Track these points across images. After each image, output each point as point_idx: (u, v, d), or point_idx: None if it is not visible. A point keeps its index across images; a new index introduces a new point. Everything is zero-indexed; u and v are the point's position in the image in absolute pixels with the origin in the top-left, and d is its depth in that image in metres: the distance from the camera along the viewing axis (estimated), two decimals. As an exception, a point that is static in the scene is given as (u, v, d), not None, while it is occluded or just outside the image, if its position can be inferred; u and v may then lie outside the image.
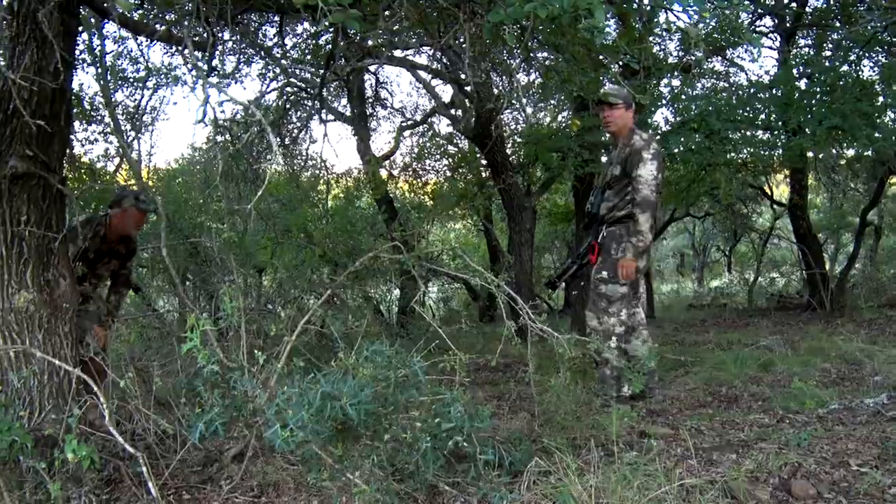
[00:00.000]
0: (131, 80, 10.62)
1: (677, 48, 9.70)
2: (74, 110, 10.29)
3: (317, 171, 13.27)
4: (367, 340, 3.70)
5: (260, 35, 7.29)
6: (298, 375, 2.49)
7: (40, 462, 2.64)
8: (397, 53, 8.23)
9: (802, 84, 7.71)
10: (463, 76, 6.57)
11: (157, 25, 4.01)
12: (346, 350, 3.13)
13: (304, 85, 9.68)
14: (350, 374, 2.32)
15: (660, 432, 3.74)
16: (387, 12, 3.27)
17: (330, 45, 5.06)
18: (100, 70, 9.96)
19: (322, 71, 5.40)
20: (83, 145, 10.07)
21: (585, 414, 3.89)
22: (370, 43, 4.64)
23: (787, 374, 5.17)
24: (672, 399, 4.65)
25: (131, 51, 10.38)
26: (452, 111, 10.58)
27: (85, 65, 10.03)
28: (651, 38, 10.17)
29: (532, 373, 3.62)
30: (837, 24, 8.75)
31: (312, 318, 3.57)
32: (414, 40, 5.47)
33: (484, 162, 9.73)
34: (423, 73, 9.25)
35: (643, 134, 4.55)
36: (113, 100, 10.00)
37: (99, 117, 10.57)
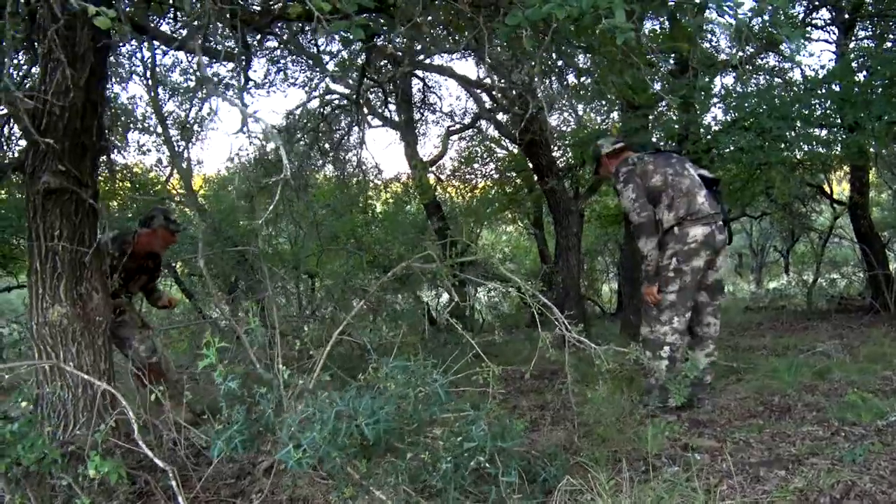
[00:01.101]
0: (181, 90, 10.80)
1: (729, 45, 9.47)
2: (126, 121, 10.54)
3: (366, 178, 13.33)
4: (402, 352, 3.65)
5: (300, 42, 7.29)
6: (322, 391, 2.43)
7: (69, 476, 2.64)
8: (439, 59, 8.18)
9: (861, 78, 7.40)
10: (488, 80, 6.48)
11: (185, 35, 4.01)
12: (378, 362, 3.07)
13: (346, 91, 9.71)
14: (369, 391, 2.25)
15: (705, 445, 3.60)
16: (418, 18, 3.20)
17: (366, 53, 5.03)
18: (150, 82, 10.16)
19: (358, 77, 5.36)
20: (123, 155, 10.33)
21: (628, 425, 3.77)
22: (397, 47, 4.59)
23: (844, 382, 4.95)
24: (721, 409, 4.48)
25: (181, 62, 10.55)
26: (500, 115, 10.49)
27: (136, 76, 10.27)
28: (706, 35, 9.95)
29: (570, 384, 3.51)
30: (897, 16, 8.41)
31: (346, 329, 3.53)
32: (449, 44, 5.39)
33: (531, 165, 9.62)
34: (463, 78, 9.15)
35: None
36: (163, 110, 10.19)
37: (151, 128, 10.80)
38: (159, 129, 10.73)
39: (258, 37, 5.29)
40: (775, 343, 7.32)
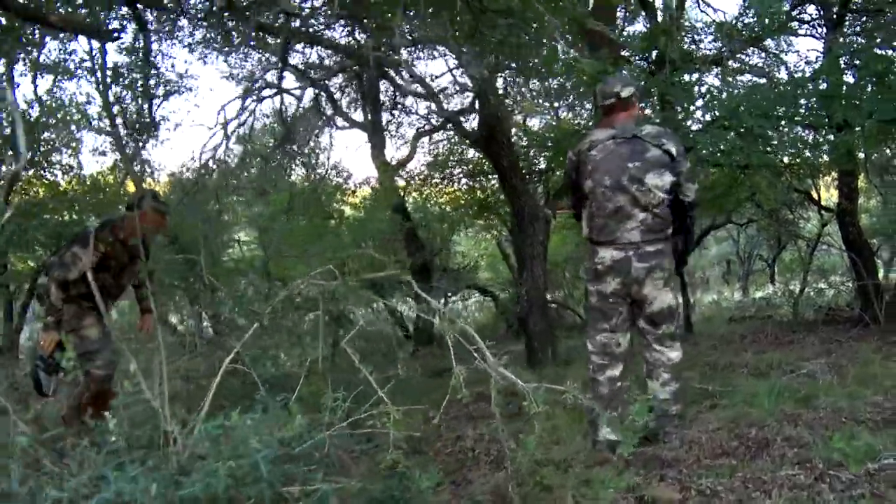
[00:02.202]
0: (139, 88, 10.18)
1: (712, 41, 8.99)
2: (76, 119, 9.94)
3: (323, 179, 12.76)
4: (309, 382, 3.09)
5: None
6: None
7: None
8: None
9: (850, 79, 6.88)
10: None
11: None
12: (269, 398, 2.52)
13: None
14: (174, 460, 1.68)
15: (664, 497, 3.02)
16: None
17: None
18: (100, 77, 9.55)
19: (280, 61, 4.80)
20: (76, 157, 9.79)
21: (579, 465, 3.21)
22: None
23: (830, 410, 4.36)
24: (690, 443, 3.89)
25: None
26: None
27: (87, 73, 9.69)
28: (688, 31, 9.46)
29: (500, 427, 2.93)
30: (888, 11, 7.91)
31: (239, 357, 2.95)
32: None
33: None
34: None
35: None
36: (113, 109, 9.57)
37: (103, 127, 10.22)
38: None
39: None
40: (757, 360, 6.74)
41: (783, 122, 6.38)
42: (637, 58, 8.38)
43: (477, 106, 7.45)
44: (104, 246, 4.24)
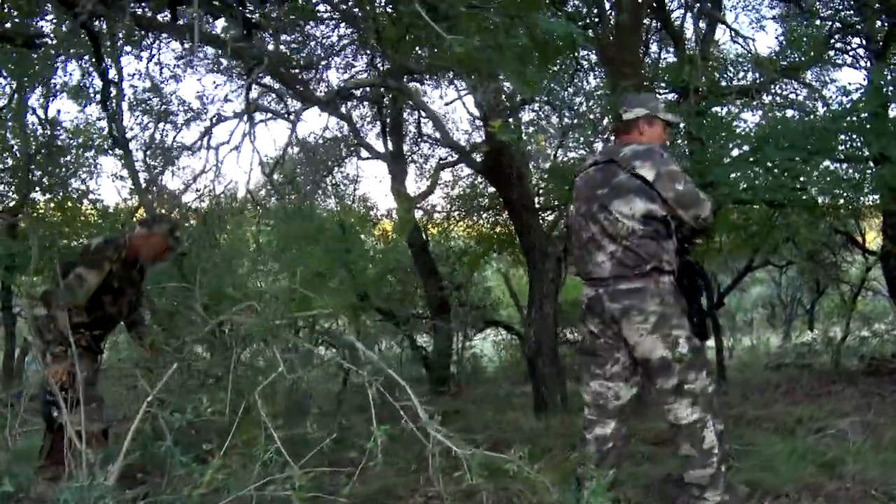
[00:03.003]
0: (154, 113, 9.99)
1: (745, 71, 8.56)
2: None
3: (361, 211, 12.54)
4: (242, 432, 2.73)
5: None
6: None
7: None
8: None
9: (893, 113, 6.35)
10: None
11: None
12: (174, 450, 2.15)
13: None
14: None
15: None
16: None
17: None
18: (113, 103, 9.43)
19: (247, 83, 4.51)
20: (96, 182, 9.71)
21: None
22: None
23: (859, 480, 3.82)
24: (691, 515, 3.41)
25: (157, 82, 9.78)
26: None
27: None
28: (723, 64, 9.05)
29: (443, 495, 2.50)
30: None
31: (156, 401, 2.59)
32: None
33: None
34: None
35: None
36: (129, 133, 9.41)
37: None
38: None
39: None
40: (787, 414, 6.15)
41: (815, 156, 5.87)
42: (665, 89, 8.01)
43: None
44: (109, 265, 3.92)
